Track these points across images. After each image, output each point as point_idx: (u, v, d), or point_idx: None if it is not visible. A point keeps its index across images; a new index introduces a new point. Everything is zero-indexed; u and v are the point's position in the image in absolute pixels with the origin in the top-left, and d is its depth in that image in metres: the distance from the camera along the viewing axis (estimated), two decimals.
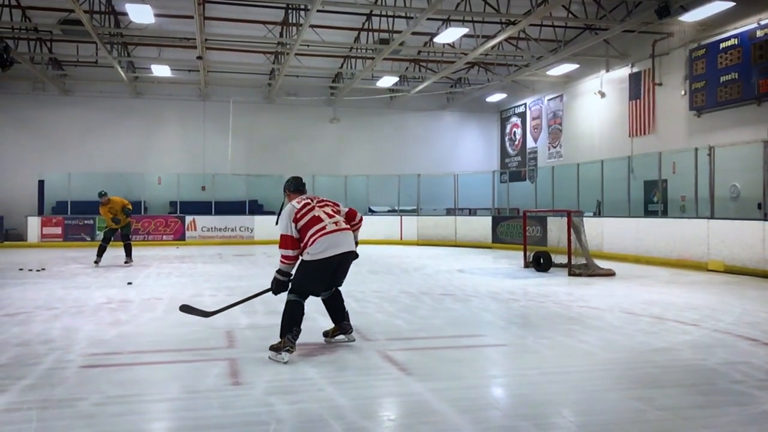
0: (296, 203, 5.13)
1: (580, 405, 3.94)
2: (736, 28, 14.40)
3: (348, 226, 5.19)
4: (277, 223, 5.15)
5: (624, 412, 3.78)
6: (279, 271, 5.09)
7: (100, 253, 12.80)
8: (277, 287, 5.14)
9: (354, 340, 5.46)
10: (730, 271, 11.44)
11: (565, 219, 11.75)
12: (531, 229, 16.48)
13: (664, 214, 14.99)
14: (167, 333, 6.10)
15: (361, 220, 5.40)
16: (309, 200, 5.18)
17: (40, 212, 20.64)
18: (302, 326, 4.79)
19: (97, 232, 13.18)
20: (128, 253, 13.11)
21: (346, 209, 5.37)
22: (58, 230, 19.91)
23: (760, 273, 10.87)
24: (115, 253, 13.40)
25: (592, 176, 16.42)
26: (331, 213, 5.12)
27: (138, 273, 11.57)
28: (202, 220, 21.03)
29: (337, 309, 5.45)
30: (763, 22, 13.73)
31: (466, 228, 20.29)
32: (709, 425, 3.56)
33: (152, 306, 7.71)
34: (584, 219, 12.16)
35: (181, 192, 21.74)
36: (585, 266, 11.26)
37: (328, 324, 5.54)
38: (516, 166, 24.32)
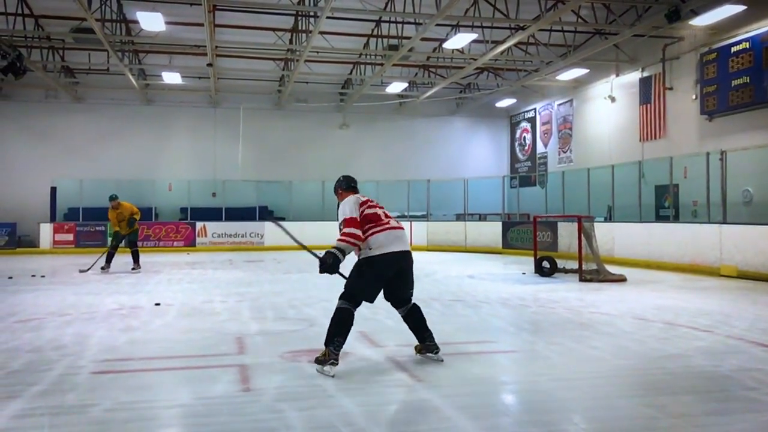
0: (360, 196, 4.97)
1: (591, 412, 3.91)
2: (747, 32, 14.31)
3: (402, 227, 4.96)
4: (338, 219, 4.88)
5: (636, 419, 3.75)
6: (338, 248, 4.61)
7: (108, 260, 12.90)
8: (332, 263, 4.59)
9: (442, 360, 4.96)
10: (744, 276, 11.34)
11: (576, 224, 11.70)
12: (541, 235, 16.42)
13: (676, 219, 14.90)
14: (178, 339, 6.11)
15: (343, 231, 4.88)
16: (368, 199, 5.01)
17: (52, 219, 20.81)
18: (312, 331, 4.76)
19: (109, 238, 13.36)
20: (136, 260, 13.18)
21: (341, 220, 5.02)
22: (70, 237, 20.06)
23: None
24: (125, 259, 13.48)
25: (603, 181, 16.35)
26: (387, 214, 4.97)
27: (149, 279, 11.63)
28: (213, 227, 21.11)
29: (417, 326, 5.03)
30: None
31: (476, 233, 20.25)
32: None
33: (163, 312, 7.73)
34: (595, 224, 12.11)
35: (191, 198, 21.86)
36: (596, 272, 11.20)
37: None
38: (526, 171, 24.26)
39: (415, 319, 5.01)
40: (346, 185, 5.20)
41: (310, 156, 23.98)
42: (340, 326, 4.63)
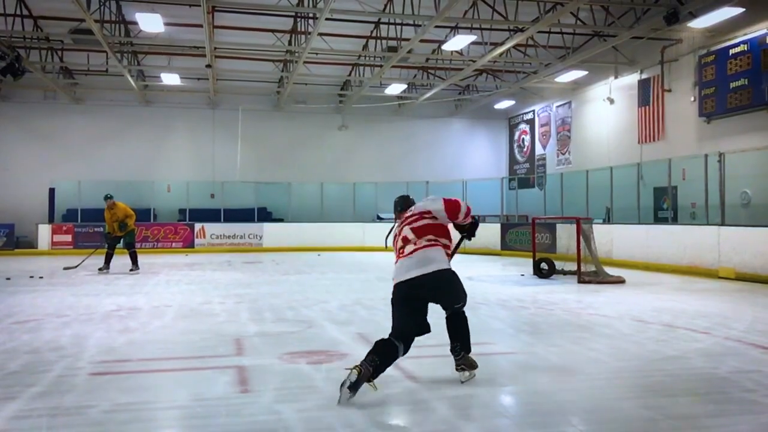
0: (396, 225, 4.86)
1: (590, 413, 3.91)
2: (745, 34, 14.33)
3: (429, 243, 4.53)
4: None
5: (635, 421, 3.75)
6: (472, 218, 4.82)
7: (107, 261, 12.89)
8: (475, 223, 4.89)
9: (462, 381, 4.46)
10: (742, 278, 11.34)
11: (575, 226, 11.70)
12: (540, 236, 16.41)
13: (674, 220, 14.92)
14: (176, 340, 6.11)
15: (461, 211, 4.74)
16: (403, 218, 4.83)
17: (51, 220, 20.78)
18: (310, 332, 4.70)
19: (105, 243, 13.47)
20: (134, 261, 13.19)
21: (441, 206, 4.69)
22: (69, 238, 20.04)
23: None
24: (123, 260, 13.47)
25: (602, 183, 16.36)
26: (407, 238, 4.60)
27: (147, 280, 11.62)
28: (211, 228, 21.09)
29: (450, 335, 4.56)
30: None
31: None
32: None
33: (161, 313, 7.72)
34: (593, 226, 12.11)
35: (190, 199, 21.84)
36: (594, 273, 11.20)
37: (337, 332, 5.51)
38: (525, 173, 24.27)
39: (449, 326, 4.58)
40: (400, 207, 5.12)
41: (309, 157, 23.97)
42: (378, 352, 4.22)
